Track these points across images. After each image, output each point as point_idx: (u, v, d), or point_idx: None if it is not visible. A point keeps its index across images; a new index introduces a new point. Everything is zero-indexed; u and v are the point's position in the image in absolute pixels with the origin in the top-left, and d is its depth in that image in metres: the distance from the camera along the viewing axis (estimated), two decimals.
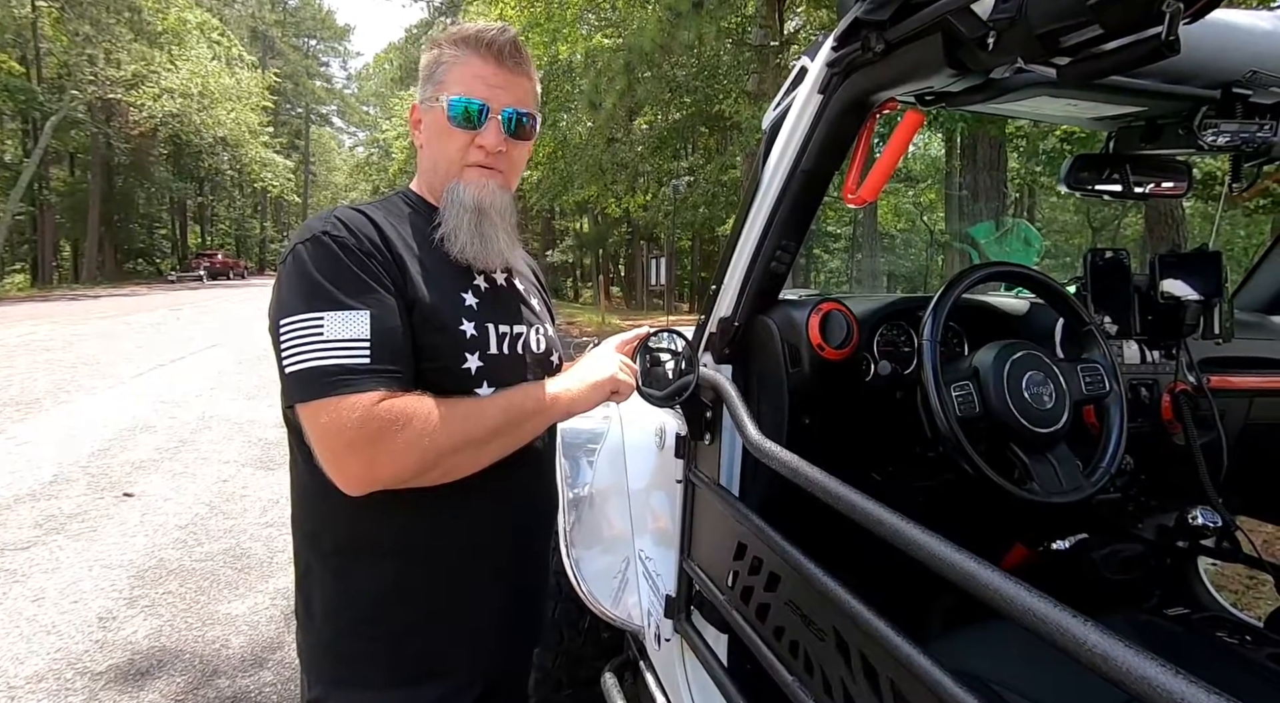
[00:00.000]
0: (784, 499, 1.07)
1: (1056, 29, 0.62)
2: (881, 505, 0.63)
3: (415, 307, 0.75)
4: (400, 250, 0.77)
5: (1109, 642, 0.41)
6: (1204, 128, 0.89)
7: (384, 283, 0.73)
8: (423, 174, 0.88)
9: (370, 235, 0.75)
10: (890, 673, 0.63)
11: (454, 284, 0.81)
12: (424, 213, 0.85)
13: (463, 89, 0.81)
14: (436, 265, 0.80)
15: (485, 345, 0.80)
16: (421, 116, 0.86)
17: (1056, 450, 0.91)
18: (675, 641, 1.16)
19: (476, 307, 0.81)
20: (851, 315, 1.03)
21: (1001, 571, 0.51)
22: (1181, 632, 0.93)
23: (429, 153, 0.85)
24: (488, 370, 0.80)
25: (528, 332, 0.88)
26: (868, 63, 0.83)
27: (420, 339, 0.75)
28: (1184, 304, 1.09)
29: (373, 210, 0.80)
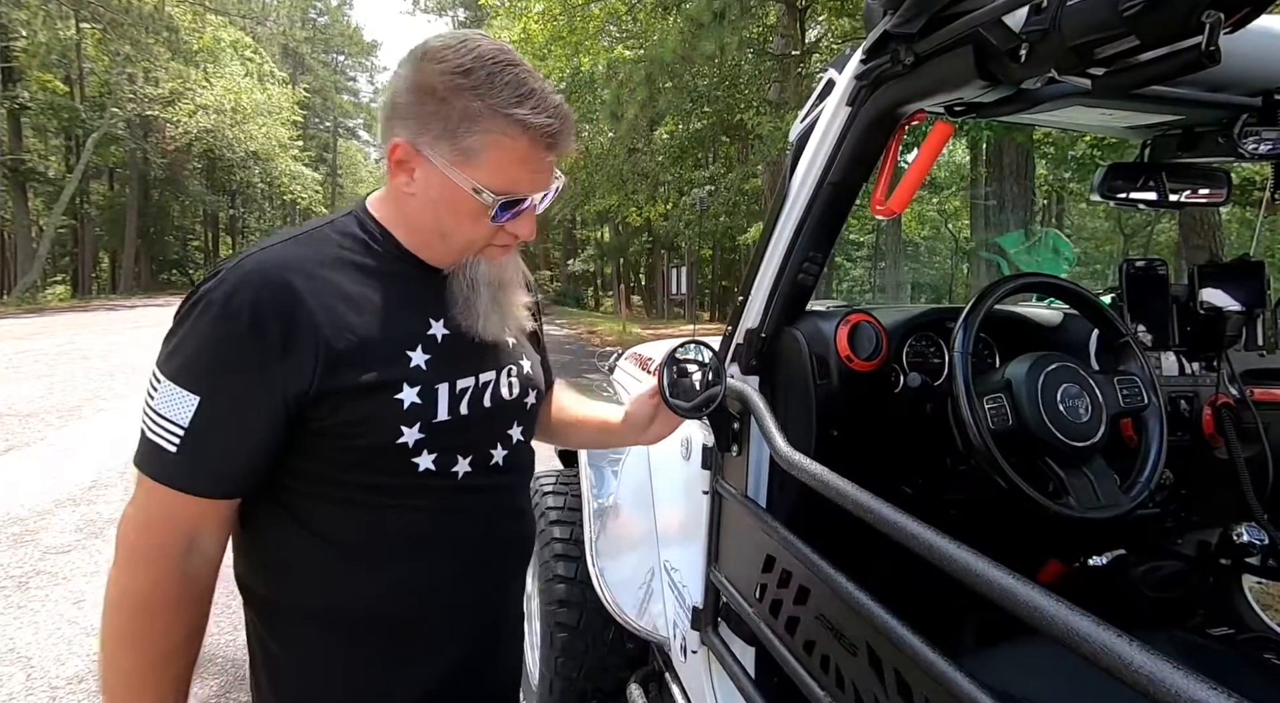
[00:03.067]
0: (812, 512, 1.06)
1: (1091, 41, 0.61)
2: (914, 519, 0.62)
3: (330, 390, 0.64)
4: (321, 320, 0.64)
5: (1155, 663, 0.40)
6: (1244, 136, 0.87)
7: (261, 372, 0.62)
8: (414, 231, 0.72)
9: (281, 308, 0.63)
10: (925, 691, 0.62)
11: (400, 342, 0.69)
12: (387, 256, 0.71)
13: (506, 182, 0.67)
14: (381, 322, 0.68)
15: (430, 413, 0.69)
16: (419, 169, 0.68)
17: (1093, 465, 0.89)
18: (702, 653, 1.16)
19: (427, 364, 0.70)
20: (880, 327, 1.02)
21: (1042, 588, 0.50)
22: (1227, 653, 0.90)
23: (434, 220, 0.70)
24: (430, 440, 0.70)
25: (497, 378, 0.78)
26: (897, 75, 0.83)
27: (340, 415, 0.65)
28: (1225, 315, 1.07)
29: (303, 261, 0.66)
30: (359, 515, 0.70)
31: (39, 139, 21.39)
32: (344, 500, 0.70)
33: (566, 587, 1.54)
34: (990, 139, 7.75)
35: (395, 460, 0.69)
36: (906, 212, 15.54)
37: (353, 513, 0.70)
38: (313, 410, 0.65)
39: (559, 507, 1.70)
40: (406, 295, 0.71)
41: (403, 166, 0.68)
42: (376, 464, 0.69)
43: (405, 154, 0.67)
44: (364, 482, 0.69)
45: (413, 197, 0.69)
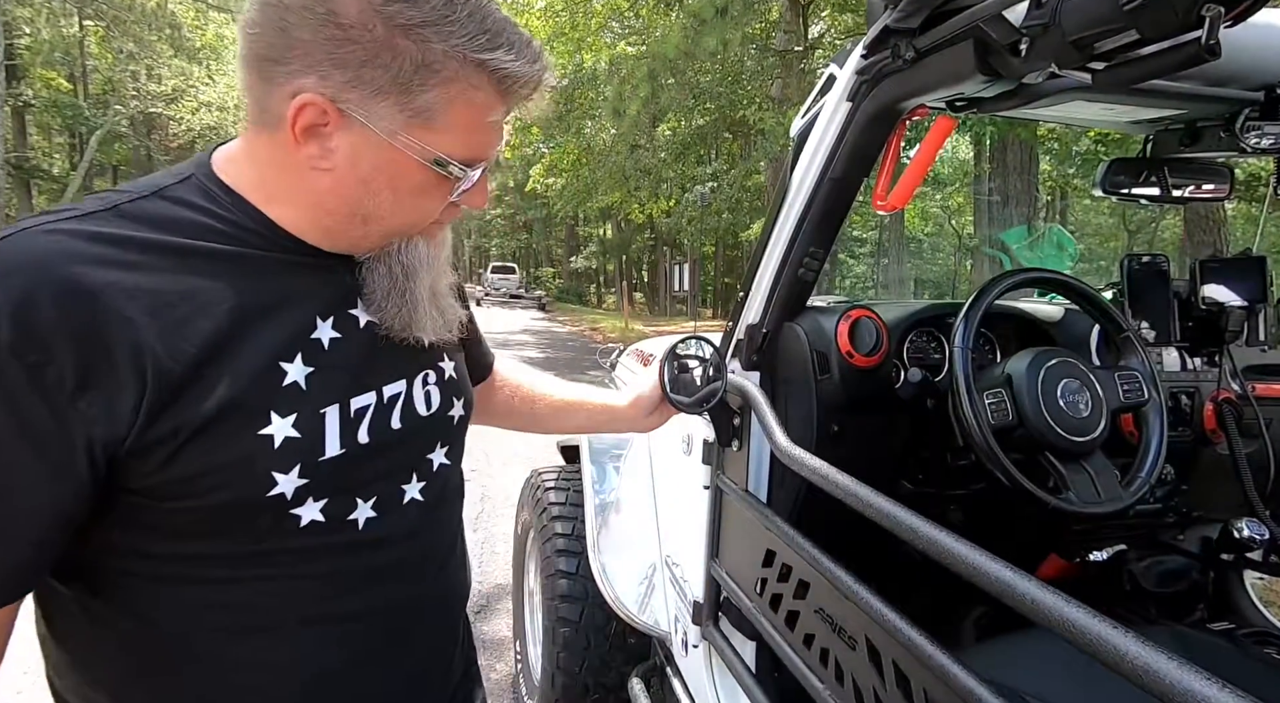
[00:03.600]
0: (812, 506, 1.06)
1: (1092, 35, 0.61)
2: (914, 514, 0.63)
3: (163, 434, 0.45)
4: (146, 331, 0.44)
5: (1151, 654, 0.40)
6: (1247, 130, 0.87)
7: (34, 420, 0.42)
8: (316, 213, 0.52)
9: (72, 319, 0.42)
10: (924, 683, 0.62)
11: (270, 352, 0.49)
12: (252, 239, 0.51)
13: (473, 147, 0.52)
14: (239, 325, 0.48)
15: (314, 448, 0.51)
16: (341, 136, 0.49)
17: (1093, 460, 0.89)
18: (703, 647, 1.17)
19: (309, 381, 0.51)
20: (881, 322, 1.03)
21: (1040, 581, 0.50)
22: (1226, 647, 0.91)
23: (357, 201, 0.51)
24: (317, 484, 0.51)
25: (409, 388, 0.59)
26: (897, 70, 0.83)
27: (178, 467, 0.46)
28: (1226, 310, 1.07)
29: (117, 245, 0.45)
30: (214, 598, 0.51)
31: (43, 136, 21.47)
32: (188, 579, 0.50)
33: (568, 582, 1.55)
34: (994, 135, 7.72)
35: (265, 519, 0.50)
36: (910, 208, 15.54)
37: (203, 596, 0.51)
38: (135, 464, 0.45)
39: (561, 502, 1.71)
40: (280, 288, 0.51)
41: (312, 133, 0.48)
42: (237, 528, 0.50)
43: (318, 116, 0.47)
44: (219, 552, 0.50)
45: (327, 173, 0.50)
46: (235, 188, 0.52)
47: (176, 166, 0.54)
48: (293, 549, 0.52)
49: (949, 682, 0.58)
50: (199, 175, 0.52)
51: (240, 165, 0.53)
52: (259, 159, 0.52)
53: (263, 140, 0.51)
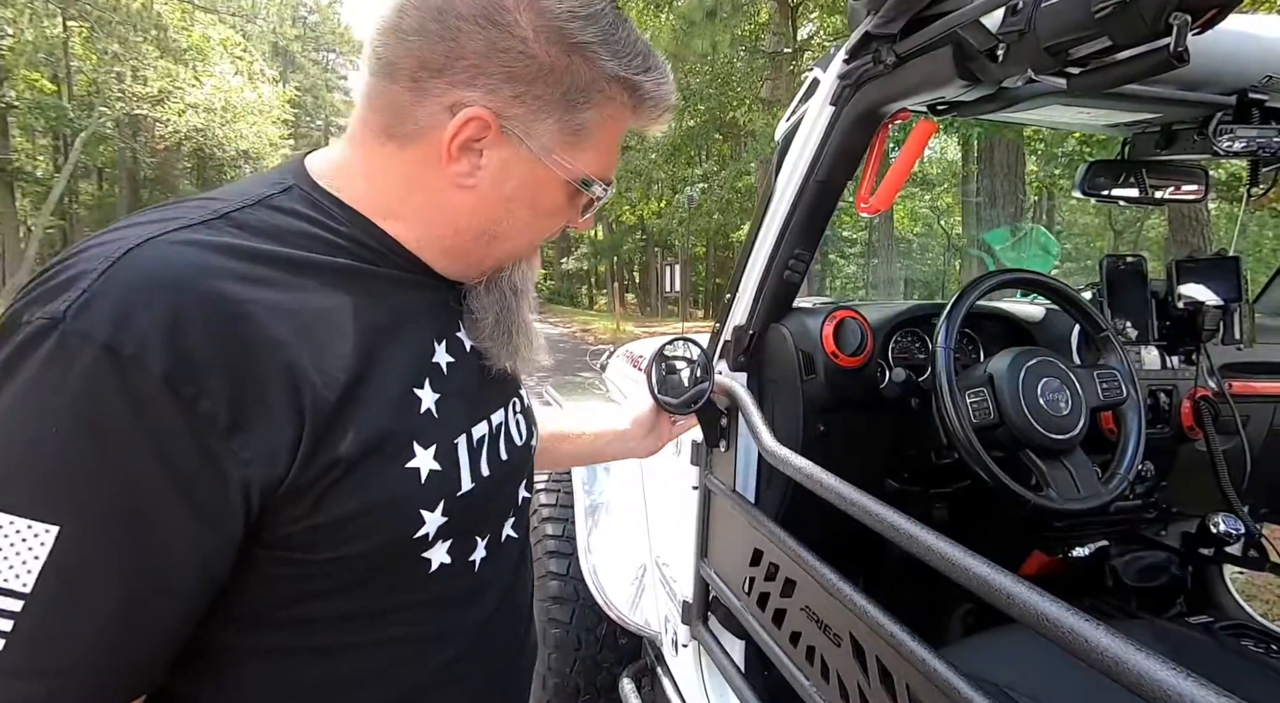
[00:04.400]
0: (798, 506, 1.07)
1: (1065, 42, 0.63)
2: (896, 511, 0.64)
3: (318, 473, 0.40)
4: (300, 356, 0.40)
5: (1121, 646, 0.42)
6: (1219, 134, 0.89)
7: (188, 465, 0.36)
8: (443, 232, 0.49)
9: (225, 341, 0.37)
10: (906, 678, 0.63)
11: (402, 377, 0.46)
12: (368, 255, 0.47)
13: (609, 166, 0.51)
14: (375, 348, 0.44)
15: (453, 482, 0.48)
16: (495, 152, 0.46)
17: (1073, 457, 0.91)
18: (692, 646, 1.17)
19: (439, 408, 0.48)
20: (866, 323, 1.04)
21: (1016, 576, 0.52)
22: (1204, 639, 0.92)
23: (493, 219, 0.49)
24: (452, 523, 0.48)
25: (507, 414, 0.57)
26: (879, 75, 0.84)
27: (324, 511, 0.41)
28: (1203, 309, 1.09)
29: (245, 258, 0.40)
30: (331, 670, 0.46)
31: (26, 138, 21.21)
32: (300, 651, 0.45)
33: (559, 584, 1.56)
34: (981, 136, 7.79)
35: (403, 566, 0.46)
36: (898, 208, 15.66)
37: (318, 672, 0.45)
38: (285, 509, 0.40)
39: (551, 504, 1.71)
40: (399, 307, 0.48)
41: (470, 148, 0.46)
42: (373, 581, 0.45)
43: (480, 130, 0.45)
44: (345, 614, 0.45)
45: (470, 190, 0.47)
46: (347, 201, 0.48)
47: (267, 175, 0.49)
48: (419, 602, 0.48)
49: (931, 677, 0.59)
50: (301, 185, 0.48)
51: (353, 178, 0.48)
52: (381, 173, 0.48)
53: (389, 153, 0.47)
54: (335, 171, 0.49)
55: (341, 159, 0.50)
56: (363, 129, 0.48)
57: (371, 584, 0.45)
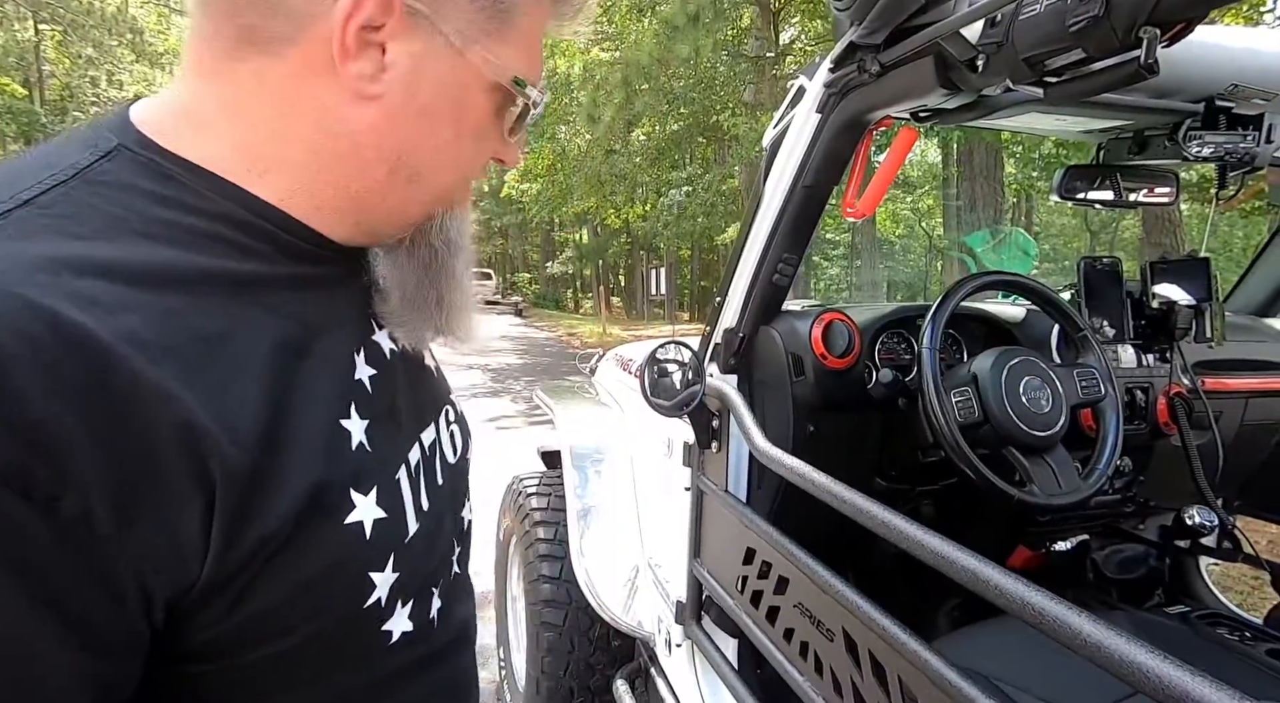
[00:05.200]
0: (790, 505, 1.09)
1: (1042, 53, 0.65)
2: (887, 508, 0.65)
3: (243, 560, 0.31)
4: (189, 407, 0.29)
5: (1102, 632, 0.44)
6: (1188, 140, 0.92)
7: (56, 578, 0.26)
8: (344, 176, 0.37)
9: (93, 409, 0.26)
10: (899, 671, 0.65)
11: (324, 409, 0.36)
12: (239, 235, 0.35)
13: (532, 63, 0.40)
14: (281, 373, 0.34)
15: (400, 528, 0.39)
16: (401, 45, 0.35)
17: (1054, 454, 0.94)
18: (686, 646, 1.19)
19: (370, 437, 0.38)
20: (853, 325, 1.06)
21: (1003, 569, 0.54)
22: (1179, 628, 0.96)
23: (410, 144, 0.38)
24: (406, 579, 0.39)
25: (439, 428, 0.47)
26: (863, 84, 0.86)
27: (256, 600, 0.32)
28: (1176, 309, 1.13)
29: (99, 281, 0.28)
30: None
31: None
32: None
33: (551, 587, 1.56)
34: (961, 140, 7.92)
35: (358, 643, 0.37)
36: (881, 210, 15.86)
37: None
38: (200, 614, 0.31)
39: (543, 507, 1.72)
40: (305, 315, 0.37)
41: (369, 42, 0.34)
42: (326, 668, 0.36)
43: (382, 12, 0.34)
44: None
45: (374, 102, 0.36)
46: (199, 161, 0.34)
47: (77, 134, 0.35)
48: (382, 681, 0.39)
49: (923, 669, 0.61)
50: (131, 146, 0.34)
51: (204, 125, 0.35)
52: (243, 105, 0.35)
53: (255, 71, 0.34)
54: (177, 120, 0.35)
55: (182, 102, 0.36)
56: (209, 50, 0.35)
57: (323, 675, 0.36)
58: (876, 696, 0.67)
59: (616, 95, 9.29)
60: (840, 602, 0.73)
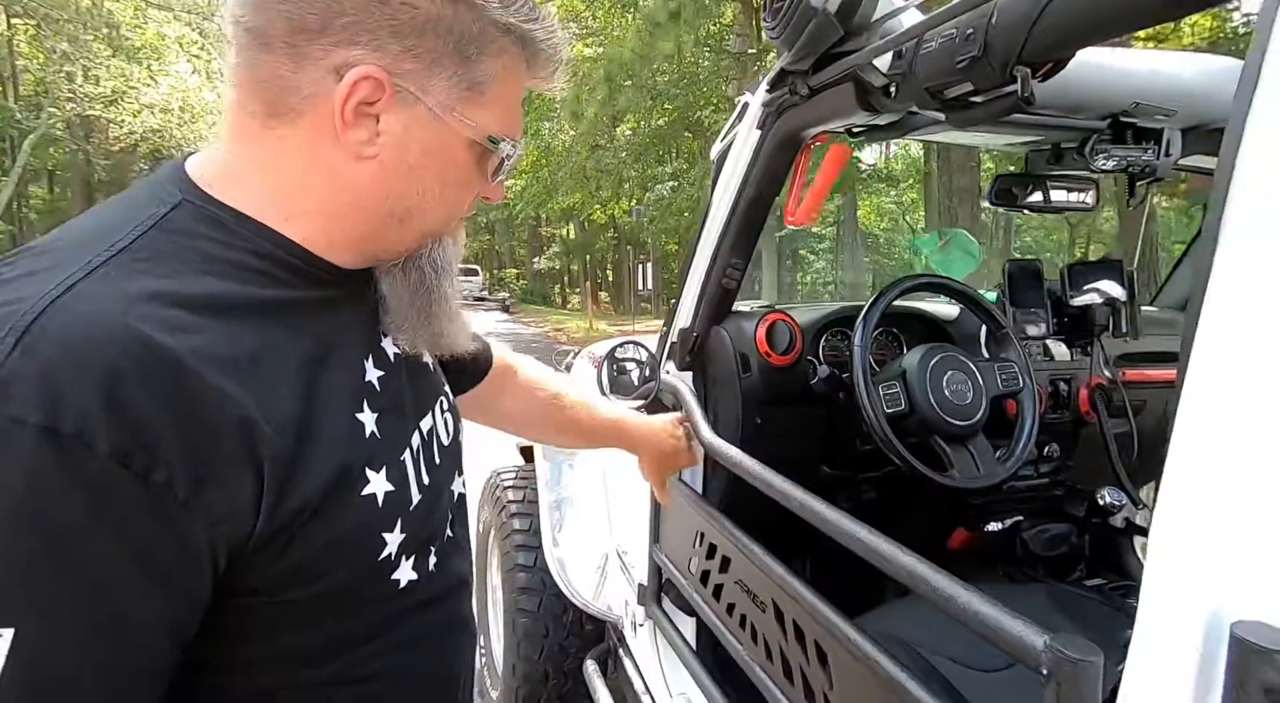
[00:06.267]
0: (740, 493, 1.17)
1: (938, 84, 0.73)
2: (801, 488, 0.74)
3: (285, 521, 0.40)
4: (248, 404, 0.38)
5: (957, 589, 0.52)
6: (1095, 153, 1.01)
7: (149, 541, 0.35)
8: (350, 218, 0.46)
9: (173, 397, 0.35)
10: (815, 635, 0.73)
11: (344, 405, 0.46)
12: (277, 267, 0.44)
13: (514, 123, 0.49)
14: (312, 381, 0.43)
15: (405, 498, 0.49)
16: (393, 116, 0.43)
17: (975, 441, 1.02)
18: (648, 626, 1.27)
19: (379, 426, 0.47)
20: (795, 325, 1.14)
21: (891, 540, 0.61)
22: (1089, 597, 1.05)
23: (400, 193, 0.46)
24: (410, 538, 0.49)
25: (435, 416, 0.57)
26: (796, 104, 0.94)
27: (293, 554, 0.41)
28: (1093, 306, 1.22)
29: (173, 310, 0.37)
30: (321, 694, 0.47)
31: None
32: (286, 685, 0.45)
33: (526, 575, 1.63)
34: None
35: (373, 587, 0.47)
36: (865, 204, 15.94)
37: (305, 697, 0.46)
38: (257, 560, 0.40)
39: (519, 500, 1.79)
40: (327, 331, 0.46)
41: (365, 113, 0.43)
42: (347, 605, 0.46)
43: (373, 91, 0.42)
44: (322, 643, 0.46)
45: (371, 161, 0.44)
46: (245, 210, 0.43)
47: (150, 189, 0.44)
48: (391, 617, 0.49)
49: (833, 632, 0.69)
50: (191, 198, 0.43)
51: (246, 179, 0.44)
52: (276, 163, 0.44)
53: (281, 137, 0.43)
54: (225, 175, 0.44)
55: (228, 159, 0.45)
56: (244, 117, 0.44)
57: (346, 612, 0.46)
58: (798, 657, 0.76)
59: (600, 91, 9.33)
60: (770, 576, 0.81)
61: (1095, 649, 0.41)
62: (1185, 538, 0.38)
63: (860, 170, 10.67)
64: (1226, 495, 0.36)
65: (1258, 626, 0.34)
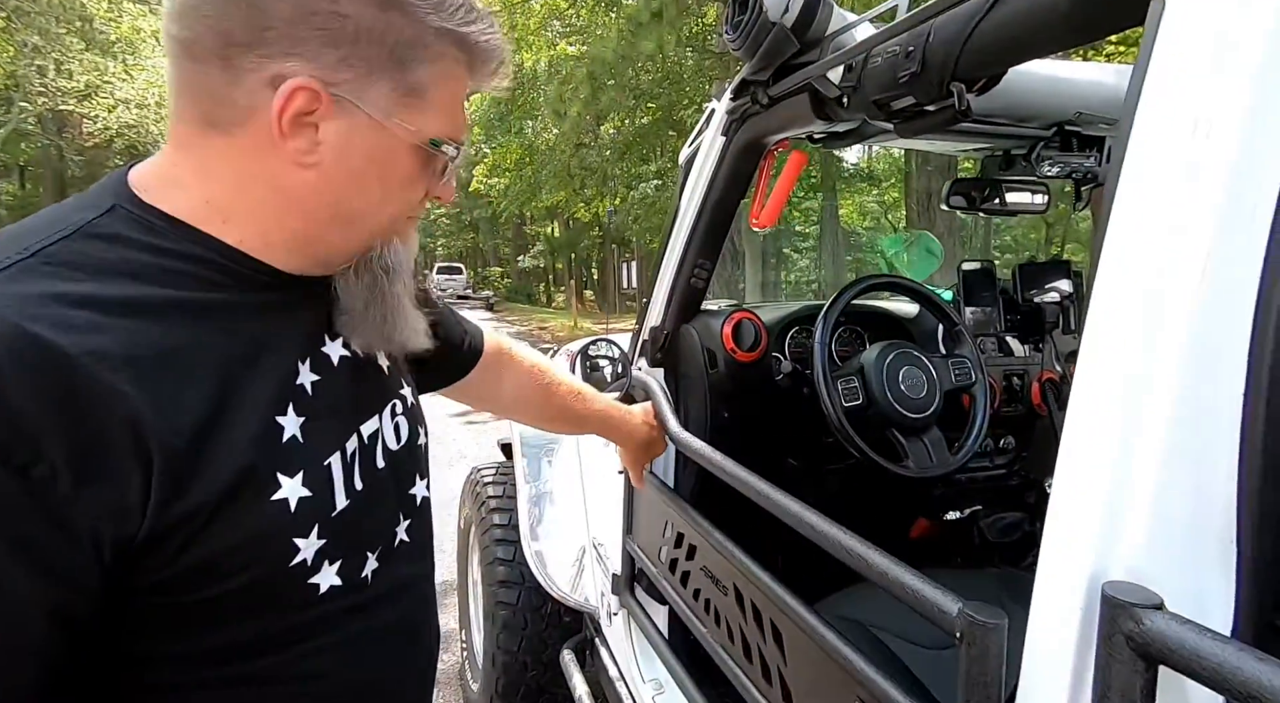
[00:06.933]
0: (707, 484, 1.22)
1: (885, 97, 0.78)
2: (758, 477, 0.78)
3: (176, 520, 0.40)
4: (140, 404, 0.38)
5: (870, 552, 0.57)
6: (1041, 160, 1.07)
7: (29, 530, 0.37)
8: (292, 224, 0.47)
9: (54, 392, 0.36)
10: (770, 615, 0.78)
11: (262, 409, 0.45)
12: (210, 271, 0.44)
13: (457, 126, 0.50)
14: (227, 383, 0.43)
15: (327, 504, 0.48)
16: (333, 124, 0.44)
17: (929, 434, 1.08)
18: (622, 615, 1.31)
19: (305, 432, 0.47)
20: (760, 322, 1.19)
21: (836, 523, 0.66)
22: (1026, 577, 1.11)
23: (344, 198, 0.47)
24: (333, 545, 0.48)
25: (382, 420, 0.56)
26: (757, 112, 0.99)
27: (191, 554, 0.41)
28: (1043, 305, 1.28)
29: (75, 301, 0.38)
30: (237, 697, 0.47)
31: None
32: (211, 682, 0.46)
33: (505, 568, 1.67)
34: None
35: (290, 592, 0.47)
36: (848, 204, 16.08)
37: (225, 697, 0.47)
38: (148, 559, 0.40)
39: (499, 495, 1.82)
40: (256, 333, 0.46)
41: (303, 123, 0.43)
42: (261, 611, 0.46)
43: (309, 102, 0.42)
44: (241, 643, 0.46)
45: (312, 169, 0.45)
46: (177, 214, 0.44)
47: (86, 196, 0.45)
48: (313, 622, 0.49)
49: (786, 612, 0.74)
50: (124, 205, 0.43)
51: (181, 184, 0.45)
52: (213, 171, 0.45)
53: (216, 146, 0.44)
54: (160, 181, 0.45)
55: (166, 166, 0.46)
56: (181, 126, 0.45)
57: (262, 615, 0.46)
58: (756, 637, 0.80)
59: (582, 90, 9.34)
60: (731, 561, 0.85)
61: (1001, 614, 0.46)
62: (1071, 511, 0.43)
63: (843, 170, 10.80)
64: (1102, 471, 0.41)
65: (1123, 585, 0.39)
